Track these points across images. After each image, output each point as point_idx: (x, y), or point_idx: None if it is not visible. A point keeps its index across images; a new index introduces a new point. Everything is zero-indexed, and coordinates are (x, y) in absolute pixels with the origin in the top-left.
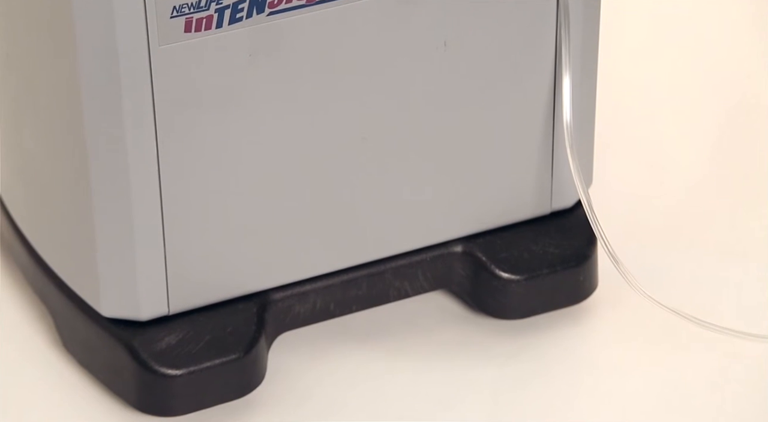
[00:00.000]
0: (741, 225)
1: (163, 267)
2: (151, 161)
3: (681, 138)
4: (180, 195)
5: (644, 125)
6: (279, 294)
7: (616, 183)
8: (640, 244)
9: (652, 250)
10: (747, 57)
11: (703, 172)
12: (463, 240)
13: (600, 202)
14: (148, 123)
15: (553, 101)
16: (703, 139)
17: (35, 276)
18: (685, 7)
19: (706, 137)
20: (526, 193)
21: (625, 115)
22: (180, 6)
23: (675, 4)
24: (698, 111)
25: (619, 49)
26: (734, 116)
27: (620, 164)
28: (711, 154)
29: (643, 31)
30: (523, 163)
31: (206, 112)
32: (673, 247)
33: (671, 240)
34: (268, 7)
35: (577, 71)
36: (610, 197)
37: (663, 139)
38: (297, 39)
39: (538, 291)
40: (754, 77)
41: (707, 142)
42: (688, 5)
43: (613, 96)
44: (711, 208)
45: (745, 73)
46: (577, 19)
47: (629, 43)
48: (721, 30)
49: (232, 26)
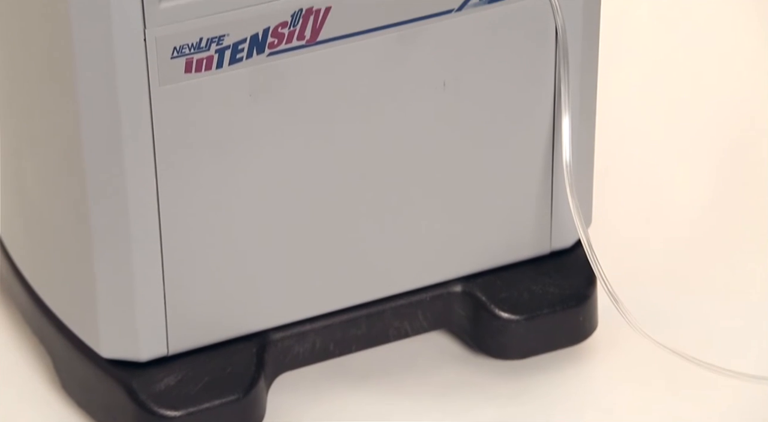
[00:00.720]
0: (741, 265)
1: (162, 308)
2: (151, 201)
3: (680, 177)
4: (180, 235)
5: (643, 164)
6: (278, 334)
7: (615, 222)
8: (640, 284)
9: (652, 290)
10: (745, 95)
11: (702, 210)
12: (462, 279)
13: (600, 242)
14: (148, 163)
15: (553, 141)
16: (702, 177)
17: (34, 317)
18: (682, 48)
19: (706, 176)
20: (525, 232)
21: (624, 154)
22: (180, 47)
23: (672, 44)
24: (697, 150)
25: (617, 89)
26: (733, 155)
27: (620, 203)
28: (711, 193)
29: (641, 71)
30: (522, 202)
31: (206, 152)
32: (673, 287)
33: (671, 280)
34: (268, 48)
35: (576, 111)
36: (609, 236)
37: (662, 178)
38: (297, 79)
39: (538, 331)
40: (752, 117)
41: (707, 181)
42: (684, 46)
43: (612, 135)
44: (711, 247)
45: (743, 113)
46: (576, 59)
47: (628, 82)
48: (719, 68)
49: (232, 66)
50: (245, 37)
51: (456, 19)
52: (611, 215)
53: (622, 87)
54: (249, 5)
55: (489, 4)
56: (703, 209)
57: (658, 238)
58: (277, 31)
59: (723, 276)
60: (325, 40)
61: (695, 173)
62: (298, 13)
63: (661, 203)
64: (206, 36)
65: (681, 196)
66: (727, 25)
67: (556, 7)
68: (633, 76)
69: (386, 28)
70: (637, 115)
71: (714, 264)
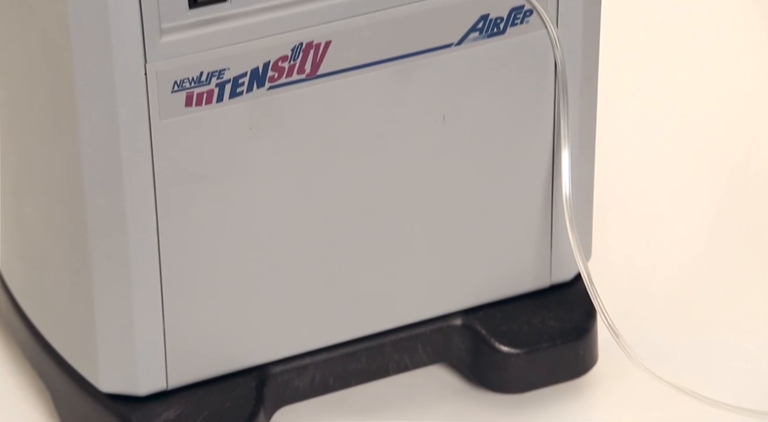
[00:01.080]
0: (742, 298)
1: (162, 343)
2: (150, 235)
3: (680, 210)
4: (179, 269)
5: (643, 197)
6: (278, 368)
7: (615, 255)
8: (641, 318)
9: (652, 324)
10: (744, 129)
11: (703, 244)
12: (462, 313)
13: (599, 275)
14: (148, 197)
15: (552, 174)
16: (703, 210)
17: (33, 352)
18: (680, 79)
19: (706, 209)
20: (525, 266)
21: (624, 187)
22: (181, 81)
23: (670, 76)
24: (697, 183)
25: (617, 121)
26: (733, 188)
27: (620, 237)
28: (712, 227)
29: (640, 103)
30: (522, 236)
31: (206, 186)
32: (674, 321)
33: (671, 314)
34: (269, 82)
35: (575, 144)
36: (609, 270)
37: (662, 211)
38: (297, 112)
39: (538, 365)
40: (752, 149)
41: (707, 214)
42: (681, 77)
43: (612, 168)
44: (711, 281)
45: (742, 145)
46: (576, 92)
47: (627, 114)
48: (716, 100)
49: (232, 100)
50: (246, 71)
51: (455, 53)
52: (611, 247)
53: (621, 119)
54: (249, 39)
55: (488, 38)
56: (704, 242)
57: (659, 271)
58: (277, 65)
59: (724, 309)
60: (325, 74)
61: (696, 206)
62: (298, 47)
63: (661, 236)
64: (207, 70)
65: (682, 229)
66: (725, 57)
67: (556, 42)
68: (632, 108)
69: (386, 61)
70: (637, 148)
71: (715, 297)
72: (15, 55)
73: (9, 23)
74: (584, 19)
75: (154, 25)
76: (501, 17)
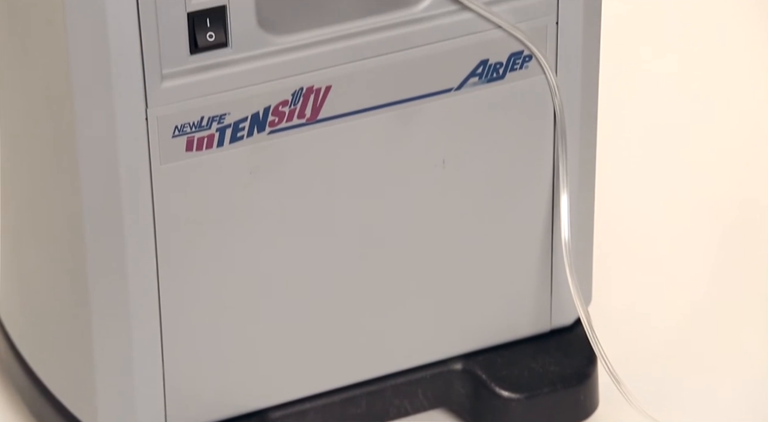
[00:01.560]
0: (742, 344)
1: (161, 388)
2: (150, 280)
3: (680, 254)
4: (179, 313)
5: (643, 241)
6: (278, 412)
7: (616, 300)
8: (641, 363)
9: (653, 369)
10: (746, 173)
11: (703, 289)
12: (462, 357)
13: (600, 319)
14: (148, 241)
15: (552, 219)
16: (703, 254)
17: (32, 397)
18: (679, 124)
19: (707, 253)
20: (525, 310)
21: (623, 231)
22: (182, 126)
23: (671, 121)
24: (697, 227)
25: (616, 165)
26: (733, 233)
27: (620, 280)
28: (712, 270)
29: (639, 147)
30: (522, 280)
31: (206, 230)
32: (674, 366)
33: (672, 359)
34: (269, 126)
35: (574, 189)
36: (609, 314)
37: (662, 256)
38: (297, 156)
39: (538, 410)
40: (752, 193)
41: (708, 258)
42: (683, 122)
43: (612, 212)
44: (711, 326)
45: (742, 190)
46: (575, 137)
47: (626, 159)
48: (717, 146)
49: (233, 145)
50: (246, 115)
51: (455, 98)
52: (612, 292)
53: (621, 163)
54: (250, 85)
55: (488, 84)
56: (704, 287)
57: (659, 316)
58: (277, 109)
59: (724, 354)
60: (325, 119)
61: (696, 251)
62: (298, 92)
63: (661, 280)
64: (207, 115)
65: (682, 273)
66: (726, 101)
67: (555, 89)
68: (632, 153)
69: (386, 106)
70: (637, 192)
71: (715, 342)
72: (16, 97)
73: (10, 67)
74: (583, 65)
75: (155, 71)
76: (500, 62)
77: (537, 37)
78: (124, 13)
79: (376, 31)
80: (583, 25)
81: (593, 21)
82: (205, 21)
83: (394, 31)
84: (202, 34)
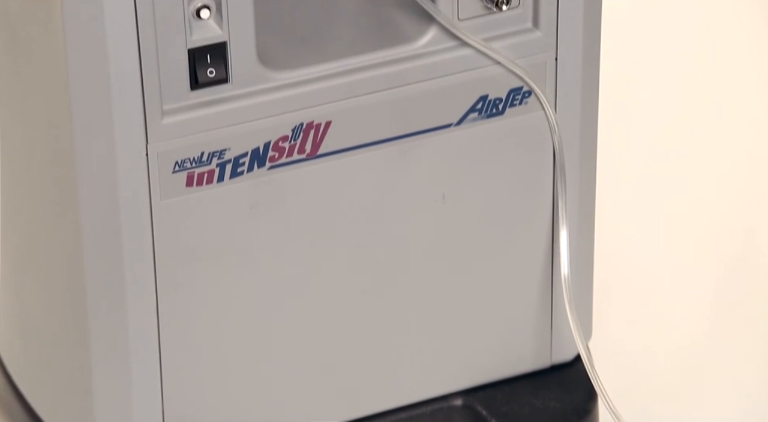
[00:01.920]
0: (742, 380)
1: (160, 421)
2: (150, 314)
3: (681, 289)
4: (179, 347)
5: (643, 276)
6: None
7: (616, 335)
8: (641, 399)
9: (653, 405)
10: (744, 206)
11: (703, 324)
12: (462, 393)
13: (600, 355)
14: (148, 276)
15: (551, 254)
16: (703, 290)
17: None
18: (680, 159)
19: (707, 288)
20: (525, 346)
21: (623, 266)
22: (182, 161)
23: (670, 156)
24: (697, 262)
25: (616, 200)
26: (734, 267)
27: (620, 315)
28: (711, 306)
29: (639, 181)
30: (522, 316)
31: (206, 264)
32: (675, 402)
33: (672, 395)
34: (269, 161)
35: (574, 225)
36: (610, 349)
37: (662, 291)
38: (297, 191)
39: None
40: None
41: (708, 293)
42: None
43: (612, 247)
44: (712, 362)
45: (742, 224)
46: (574, 172)
47: (626, 193)
48: (717, 181)
49: (233, 180)
50: (246, 151)
51: (455, 134)
52: (612, 327)
53: (621, 198)
54: (250, 120)
55: (487, 119)
56: (705, 322)
57: (659, 352)
58: (277, 145)
59: (724, 390)
60: (325, 154)
61: (696, 286)
62: (298, 128)
63: (662, 316)
64: (208, 150)
65: (682, 309)
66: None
67: (554, 125)
68: (632, 187)
69: (386, 141)
70: (637, 226)
71: (715, 378)
72: (18, 131)
73: (12, 100)
74: (582, 101)
75: (155, 107)
76: (500, 98)
77: (536, 73)
78: (125, 49)
79: (376, 66)
80: (583, 62)
81: (592, 57)
82: (206, 57)
83: (394, 67)
84: (202, 70)
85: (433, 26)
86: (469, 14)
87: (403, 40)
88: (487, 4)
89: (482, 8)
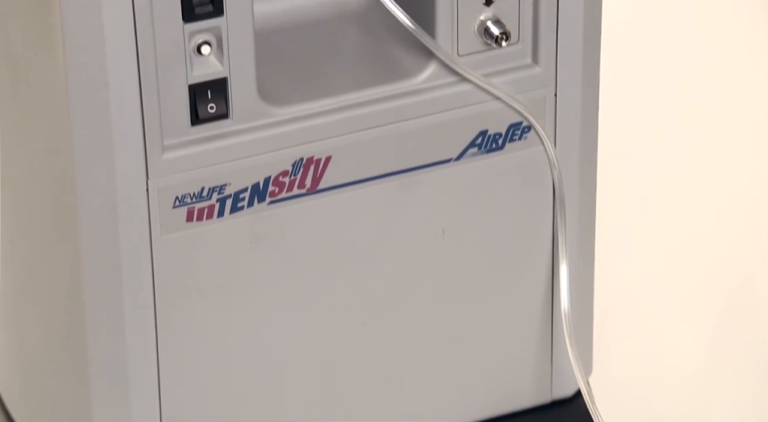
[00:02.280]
0: (743, 414)
1: None
2: (150, 348)
3: (681, 323)
4: (178, 381)
5: (644, 311)
6: None
7: (616, 371)
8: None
9: None
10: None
11: (704, 358)
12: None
13: (600, 389)
14: (147, 310)
15: (551, 289)
16: (703, 324)
17: None
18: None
19: (707, 322)
20: (525, 381)
21: (623, 301)
22: (182, 196)
23: (670, 190)
24: (697, 297)
25: (616, 234)
26: (734, 301)
27: (621, 349)
28: (712, 340)
29: (639, 216)
30: (522, 351)
31: (206, 299)
32: None
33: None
34: (269, 196)
35: (574, 259)
36: (610, 385)
37: (663, 325)
38: (297, 226)
39: None
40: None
41: (708, 328)
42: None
43: (612, 282)
44: (713, 397)
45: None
46: (573, 207)
47: (626, 228)
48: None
49: (233, 215)
50: (246, 186)
51: (455, 169)
52: (612, 361)
53: (620, 232)
54: (250, 155)
55: (487, 154)
56: (706, 357)
57: (660, 386)
58: (278, 180)
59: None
60: (325, 189)
61: (696, 320)
62: (298, 163)
63: (662, 350)
64: (208, 186)
65: (682, 343)
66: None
67: (554, 160)
68: (632, 221)
69: (386, 176)
70: (637, 261)
71: (716, 412)
72: (19, 168)
73: (12, 135)
74: (582, 136)
75: (156, 142)
76: (500, 133)
77: (536, 109)
78: (126, 85)
79: (376, 102)
80: (582, 97)
81: (591, 93)
82: (206, 93)
83: (393, 102)
84: (203, 106)
85: (433, 62)
86: (469, 50)
87: (403, 76)
88: (486, 40)
89: (482, 44)
